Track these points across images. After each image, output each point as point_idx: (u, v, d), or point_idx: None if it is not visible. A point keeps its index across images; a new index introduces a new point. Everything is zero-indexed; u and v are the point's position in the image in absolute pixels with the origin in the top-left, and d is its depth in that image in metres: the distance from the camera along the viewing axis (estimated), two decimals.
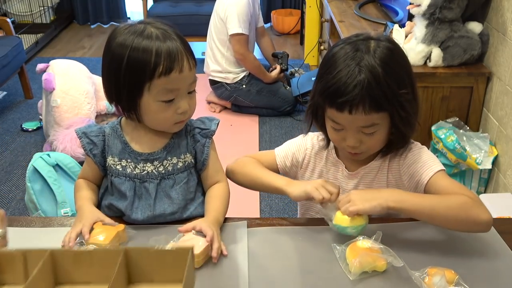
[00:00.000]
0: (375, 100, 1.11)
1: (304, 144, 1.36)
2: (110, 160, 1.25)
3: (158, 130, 1.23)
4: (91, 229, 1.14)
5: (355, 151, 1.21)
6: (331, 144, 1.32)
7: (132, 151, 1.24)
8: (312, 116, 1.26)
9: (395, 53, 1.16)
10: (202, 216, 1.25)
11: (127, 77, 1.14)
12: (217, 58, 3.49)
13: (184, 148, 1.27)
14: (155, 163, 1.24)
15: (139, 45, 1.12)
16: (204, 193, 1.31)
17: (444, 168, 1.22)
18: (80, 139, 1.26)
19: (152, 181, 1.24)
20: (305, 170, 1.36)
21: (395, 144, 1.24)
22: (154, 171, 1.24)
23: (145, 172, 1.24)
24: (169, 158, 1.25)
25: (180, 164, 1.26)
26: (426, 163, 1.21)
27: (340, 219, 1.12)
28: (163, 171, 1.24)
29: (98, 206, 1.28)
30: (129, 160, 1.24)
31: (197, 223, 1.14)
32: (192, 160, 1.28)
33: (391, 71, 1.13)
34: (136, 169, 1.24)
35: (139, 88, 1.14)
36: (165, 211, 1.24)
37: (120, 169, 1.24)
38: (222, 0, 3.39)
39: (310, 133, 1.36)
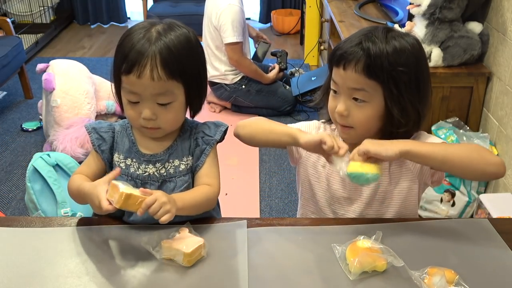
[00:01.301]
0: (368, 63, 1.15)
1: (310, 128, 1.37)
2: (116, 157, 1.26)
3: None
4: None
5: (343, 123, 1.22)
6: (337, 131, 1.33)
7: (138, 151, 1.25)
8: (323, 89, 1.30)
9: (414, 47, 1.19)
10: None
11: (114, 62, 1.17)
12: (214, 64, 3.49)
13: (187, 151, 1.26)
14: (157, 165, 1.24)
15: (129, 37, 1.15)
16: None
17: None
18: (89, 134, 1.26)
19: (153, 183, 1.24)
20: (310, 154, 1.34)
21: (388, 126, 1.22)
22: (156, 173, 1.24)
23: (147, 174, 1.24)
24: (171, 160, 1.25)
25: (183, 166, 1.25)
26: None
27: (354, 166, 1.11)
28: (164, 174, 1.24)
29: None
30: (134, 160, 1.24)
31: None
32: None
33: (398, 52, 1.17)
34: (139, 169, 1.24)
35: (117, 77, 1.17)
36: None
37: (124, 167, 1.25)
38: (214, 8, 3.36)
39: (314, 120, 1.39)
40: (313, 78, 3.57)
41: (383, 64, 1.15)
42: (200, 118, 1.32)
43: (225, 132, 1.30)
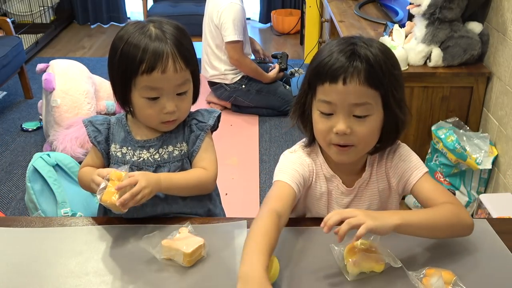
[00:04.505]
0: (370, 73, 1.06)
1: (301, 159, 1.24)
2: (112, 148, 1.30)
3: None
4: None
5: (344, 142, 1.11)
6: (322, 159, 1.23)
7: (132, 139, 1.29)
8: (299, 109, 1.19)
9: (387, 47, 1.14)
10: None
11: (119, 69, 1.20)
12: (214, 64, 3.49)
13: (181, 137, 1.30)
14: (151, 150, 1.28)
15: (132, 40, 1.18)
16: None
17: (427, 169, 1.21)
18: (86, 127, 1.31)
19: (148, 169, 1.27)
20: (309, 186, 1.24)
21: (389, 134, 1.15)
22: (150, 158, 1.28)
23: (141, 159, 1.28)
24: (165, 146, 1.29)
25: (176, 152, 1.29)
26: (412, 165, 1.20)
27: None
28: (158, 159, 1.28)
29: None
30: (129, 148, 1.29)
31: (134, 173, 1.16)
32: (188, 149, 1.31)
33: (387, 54, 1.11)
34: (134, 156, 1.28)
35: (128, 81, 1.20)
36: (159, 195, 1.25)
37: (120, 156, 1.29)
38: (215, 6, 3.36)
39: (295, 148, 1.28)
40: None
41: (383, 70, 1.08)
42: None
43: (218, 118, 1.34)
